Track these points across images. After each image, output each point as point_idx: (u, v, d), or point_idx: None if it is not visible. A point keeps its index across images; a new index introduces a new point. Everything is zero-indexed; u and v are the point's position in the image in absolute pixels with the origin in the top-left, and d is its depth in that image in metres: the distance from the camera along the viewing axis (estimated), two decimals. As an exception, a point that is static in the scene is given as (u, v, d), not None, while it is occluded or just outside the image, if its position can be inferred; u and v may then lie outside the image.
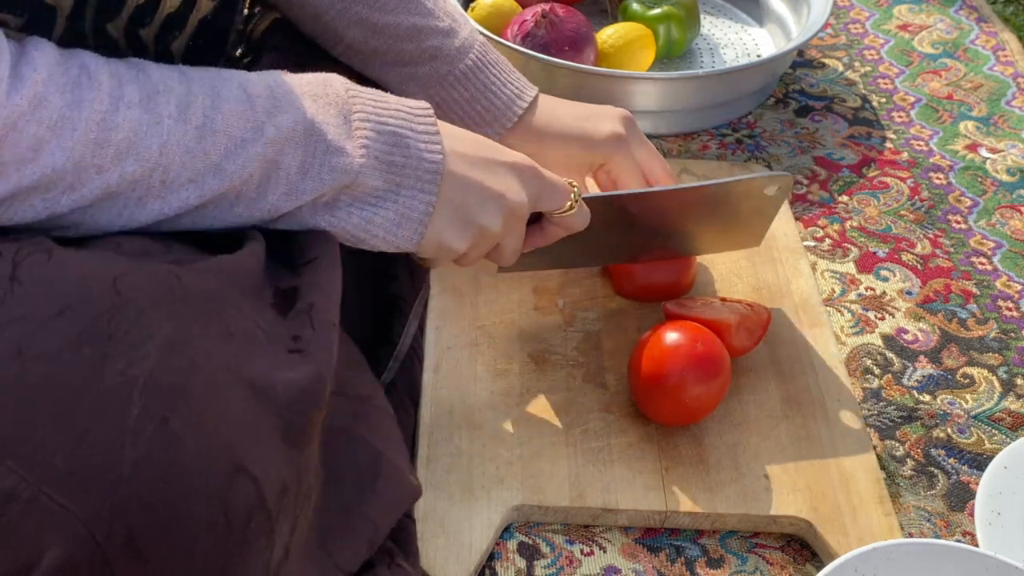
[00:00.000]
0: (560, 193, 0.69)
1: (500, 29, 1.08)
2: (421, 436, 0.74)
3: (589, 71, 1.03)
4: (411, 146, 0.62)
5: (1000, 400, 0.83)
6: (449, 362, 0.80)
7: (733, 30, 1.24)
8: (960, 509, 0.75)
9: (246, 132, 0.56)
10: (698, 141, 1.08)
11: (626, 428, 0.76)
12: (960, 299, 0.91)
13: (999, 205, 1.02)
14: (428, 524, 0.69)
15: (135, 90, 0.54)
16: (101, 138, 0.52)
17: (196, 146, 0.55)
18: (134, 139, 0.53)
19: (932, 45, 1.26)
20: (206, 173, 0.56)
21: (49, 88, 0.51)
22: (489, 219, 0.65)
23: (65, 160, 0.51)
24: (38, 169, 0.51)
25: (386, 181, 0.61)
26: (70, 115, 0.51)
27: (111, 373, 0.46)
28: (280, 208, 0.59)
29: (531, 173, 0.68)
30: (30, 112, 0.50)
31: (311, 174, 0.59)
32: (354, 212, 0.61)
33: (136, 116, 0.53)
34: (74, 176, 0.52)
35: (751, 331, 0.79)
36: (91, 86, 0.52)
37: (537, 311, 0.85)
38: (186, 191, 0.56)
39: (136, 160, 0.53)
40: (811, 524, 0.71)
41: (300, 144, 0.58)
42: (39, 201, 0.52)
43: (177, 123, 0.54)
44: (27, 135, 0.50)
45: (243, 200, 0.58)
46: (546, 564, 0.70)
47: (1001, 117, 1.14)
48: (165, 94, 0.55)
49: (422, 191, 0.62)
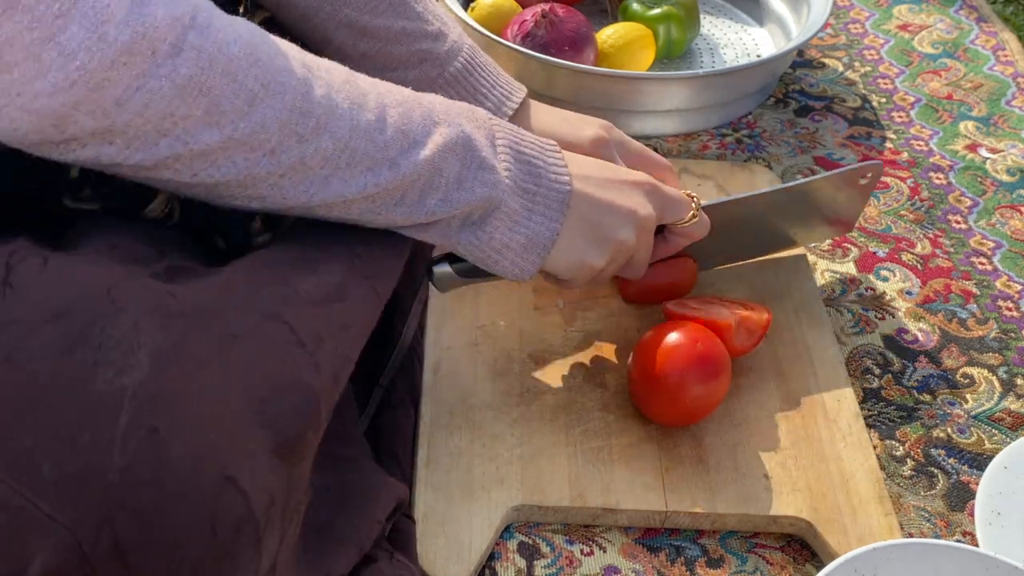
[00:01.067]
0: (682, 205, 0.75)
1: (500, 29, 1.08)
2: (421, 436, 0.74)
3: (589, 71, 1.03)
4: (543, 175, 0.67)
5: (1000, 400, 0.83)
6: (449, 362, 0.80)
7: (733, 30, 1.24)
8: (960, 509, 0.75)
9: (419, 135, 0.61)
10: (698, 141, 1.08)
11: (626, 428, 0.76)
12: (960, 299, 0.91)
13: (999, 205, 1.02)
14: (428, 524, 0.69)
15: (332, 75, 0.58)
16: (306, 108, 0.56)
17: (379, 137, 0.59)
18: (331, 117, 0.57)
19: (932, 45, 1.26)
20: (383, 164, 0.60)
21: (260, 49, 0.54)
22: (624, 234, 0.70)
23: (273, 120, 0.55)
24: (250, 125, 0.54)
25: (521, 206, 0.66)
26: (281, 80, 0.55)
27: (101, 381, 0.46)
28: (436, 213, 0.63)
29: (654, 189, 0.73)
30: (247, 67, 0.53)
31: (465, 185, 0.63)
32: (496, 233, 0.66)
33: (333, 97, 0.57)
34: (277, 140, 0.55)
35: (751, 331, 0.79)
36: (295, 60, 0.56)
37: (537, 311, 0.85)
38: (364, 178, 0.59)
39: (331, 137, 0.57)
40: (811, 524, 0.71)
41: (460, 156, 0.63)
42: (242, 158, 0.55)
43: (364, 112, 0.59)
44: (245, 88, 0.53)
45: (407, 200, 0.62)
46: (546, 564, 0.70)
47: (1001, 117, 1.14)
48: (355, 84, 0.59)
49: (549, 218, 0.67)
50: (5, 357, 0.46)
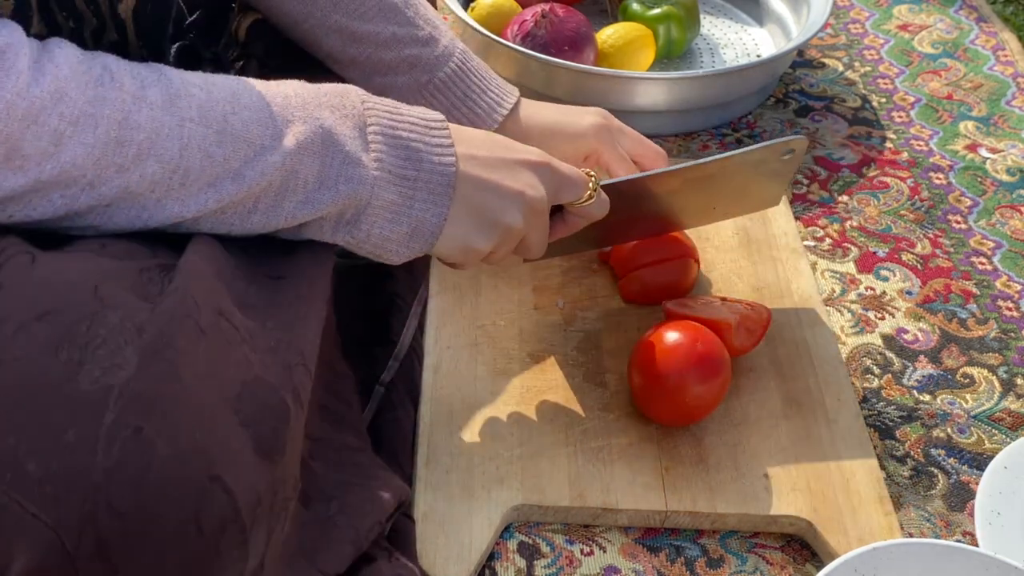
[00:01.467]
0: (578, 184, 0.70)
1: (500, 29, 1.08)
2: (421, 436, 0.74)
3: (589, 71, 1.03)
4: (424, 159, 0.63)
5: (1000, 400, 0.83)
6: (449, 362, 0.80)
7: (733, 30, 1.24)
8: (960, 509, 0.75)
9: (265, 139, 0.57)
10: (698, 141, 1.08)
11: (626, 428, 0.76)
12: (960, 299, 0.91)
13: (999, 205, 1.02)
14: (428, 524, 0.69)
15: (157, 92, 0.54)
16: (122, 137, 0.52)
17: (216, 151, 0.55)
18: (155, 140, 0.54)
19: (932, 45, 1.26)
20: (224, 178, 0.56)
21: (71, 84, 0.51)
22: (511, 217, 0.66)
23: (86, 156, 0.52)
24: (58, 164, 0.51)
25: (400, 195, 0.62)
26: (92, 112, 0.52)
27: (87, 380, 0.46)
28: (297, 216, 0.59)
29: (547, 168, 0.68)
30: (51, 106, 0.50)
31: (327, 184, 0.59)
32: (374, 229, 0.62)
33: (158, 117, 0.54)
34: (94, 173, 0.52)
35: (751, 331, 0.79)
36: (113, 86, 0.53)
37: (537, 311, 0.85)
38: (205, 195, 0.56)
39: (157, 161, 0.54)
40: (811, 524, 0.71)
41: (318, 154, 0.59)
42: (58, 197, 0.52)
43: (198, 126, 0.55)
44: (48, 129, 0.50)
45: (260, 207, 0.58)
46: (546, 564, 0.70)
47: (1001, 117, 1.14)
48: (186, 98, 0.55)
49: (434, 203, 0.63)
50: None
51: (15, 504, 0.44)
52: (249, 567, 0.49)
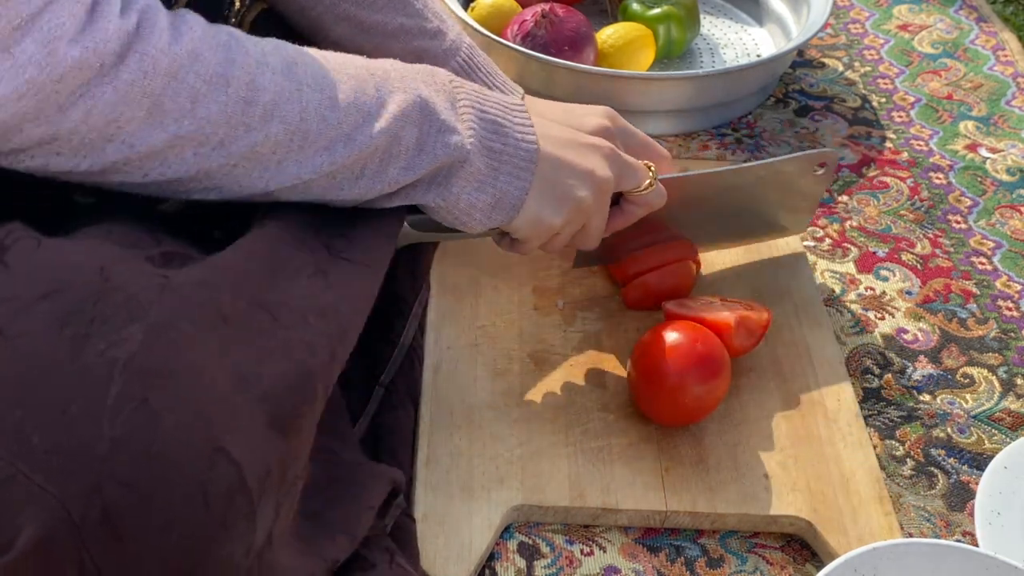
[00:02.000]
0: (639, 172, 0.74)
1: (500, 29, 1.08)
2: (421, 436, 0.74)
3: (589, 71, 1.03)
4: (509, 134, 0.66)
5: (1000, 400, 0.83)
6: (449, 362, 0.80)
7: (733, 30, 1.24)
8: (960, 509, 0.75)
9: (372, 107, 0.61)
10: (698, 141, 1.08)
11: (626, 428, 0.76)
12: (960, 299, 0.91)
13: (999, 205, 1.02)
14: (428, 524, 0.69)
15: (278, 59, 0.58)
16: (251, 97, 0.56)
17: (331, 115, 0.59)
18: (278, 102, 0.57)
19: (932, 45, 1.26)
20: (338, 141, 0.59)
21: (204, 45, 0.54)
22: (583, 193, 0.70)
23: (219, 114, 0.55)
24: (195, 121, 0.54)
25: (487, 166, 0.66)
26: (223, 73, 0.55)
27: (92, 353, 0.46)
28: (400, 180, 0.63)
29: (613, 153, 0.72)
30: (189, 64, 0.53)
31: (427, 150, 0.63)
32: (463, 193, 0.65)
33: (279, 82, 0.57)
34: (225, 132, 0.55)
35: (751, 331, 0.79)
36: (240, 50, 0.56)
37: (537, 311, 0.85)
38: (320, 157, 0.59)
39: (280, 122, 0.57)
40: (811, 524, 0.71)
41: (417, 122, 0.62)
42: (191, 155, 0.55)
43: (314, 92, 0.58)
44: (187, 86, 0.53)
45: (368, 171, 0.61)
46: (546, 564, 0.70)
47: (1001, 117, 1.14)
48: (302, 65, 0.59)
49: (518, 178, 0.67)
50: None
51: (21, 476, 0.44)
52: (257, 539, 0.49)
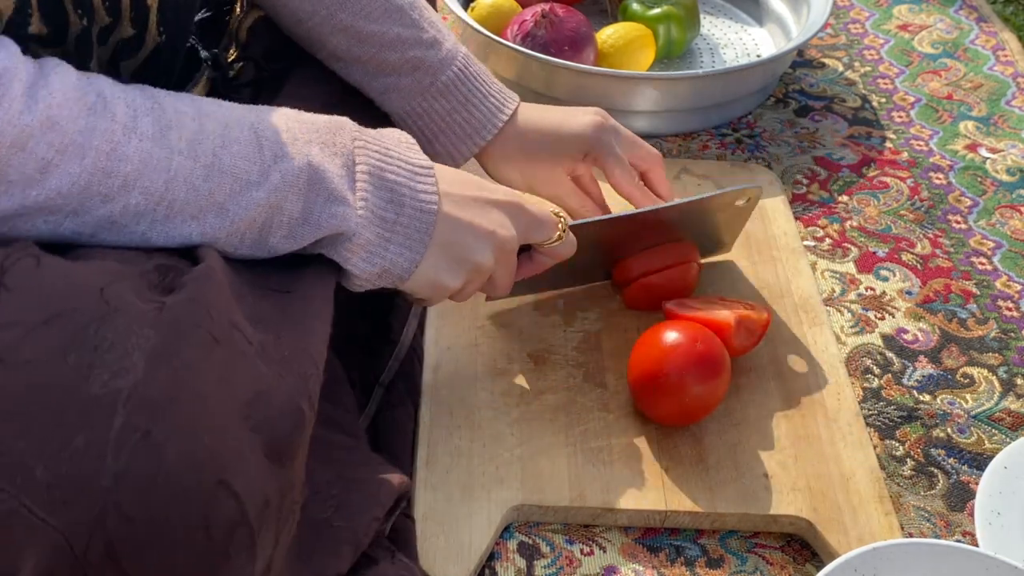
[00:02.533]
0: (547, 226, 0.71)
1: (500, 29, 1.08)
2: (421, 436, 0.74)
3: (589, 71, 1.03)
4: (405, 204, 0.63)
5: (1000, 400, 0.83)
6: (449, 362, 0.80)
7: (733, 30, 1.24)
8: (960, 509, 0.75)
9: (252, 175, 0.57)
10: (698, 141, 1.08)
11: (626, 428, 0.76)
12: (960, 299, 0.91)
13: (999, 205, 1.02)
14: (428, 524, 0.69)
15: (149, 123, 0.54)
16: (110, 168, 0.53)
17: (202, 184, 0.56)
18: (143, 171, 0.54)
19: (932, 45, 1.26)
20: (208, 211, 0.56)
21: (63, 112, 0.51)
22: (481, 256, 0.67)
23: (71, 185, 0.52)
24: (43, 191, 0.51)
25: (378, 236, 0.62)
26: (81, 141, 0.52)
27: (96, 384, 0.46)
28: (280, 249, 0.60)
29: (518, 209, 0.70)
30: (40, 134, 0.50)
31: (311, 220, 0.60)
32: (349, 262, 0.62)
33: (147, 149, 0.54)
34: (79, 202, 0.52)
35: (751, 331, 0.79)
36: (105, 114, 0.53)
37: (537, 311, 0.85)
38: (188, 227, 0.56)
39: (142, 193, 0.54)
40: (811, 524, 0.71)
41: (303, 191, 0.59)
42: (42, 222, 0.53)
43: (186, 159, 0.55)
44: (35, 156, 0.50)
45: (246, 241, 0.58)
46: (546, 564, 0.70)
47: (1001, 117, 1.14)
48: (177, 129, 0.55)
49: (409, 248, 0.64)
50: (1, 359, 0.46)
51: (24, 509, 0.44)
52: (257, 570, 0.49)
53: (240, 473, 0.48)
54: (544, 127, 0.80)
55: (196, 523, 0.46)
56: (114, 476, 0.44)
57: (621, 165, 0.80)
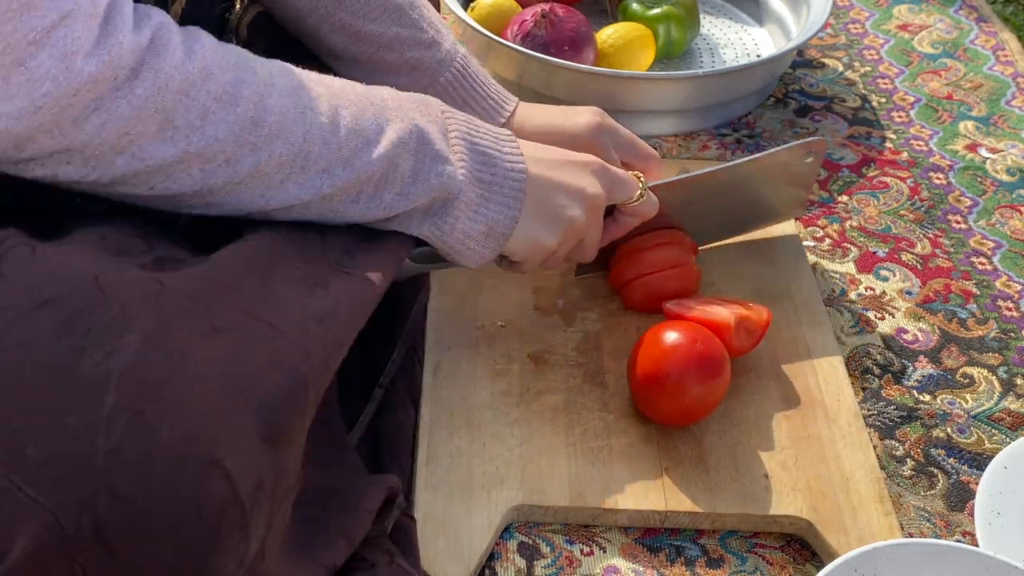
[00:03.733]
0: (629, 184, 0.75)
1: (500, 29, 1.08)
2: (421, 436, 0.74)
3: (589, 71, 1.03)
4: (498, 164, 0.68)
5: (1000, 400, 0.83)
6: (449, 362, 0.80)
7: (733, 30, 1.24)
8: (960, 509, 0.75)
9: (372, 133, 0.62)
10: (698, 141, 1.08)
11: (626, 428, 0.76)
12: (960, 299, 0.91)
13: (999, 205, 1.02)
14: (428, 524, 0.69)
15: (284, 81, 0.59)
16: (258, 117, 0.57)
17: (332, 139, 0.60)
18: (284, 123, 0.58)
19: (932, 45, 1.26)
20: (337, 165, 0.61)
21: (216, 64, 0.56)
22: (574, 212, 0.71)
23: (227, 132, 0.56)
24: (204, 138, 0.55)
25: (478, 196, 0.67)
26: (233, 92, 0.56)
27: (88, 364, 0.46)
28: (394, 207, 0.64)
29: (603, 168, 0.74)
30: (201, 82, 0.54)
31: (421, 178, 0.64)
32: (458, 223, 0.66)
33: (286, 104, 0.58)
34: (232, 150, 0.56)
35: (751, 331, 0.79)
36: (248, 70, 0.57)
37: (537, 311, 0.85)
38: (320, 180, 0.60)
39: (284, 143, 0.58)
40: (811, 524, 0.71)
41: (413, 151, 0.63)
42: (197, 171, 0.56)
43: (317, 115, 0.60)
44: (198, 103, 0.54)
45: (363, 196, 0.62)
46: (546, 564, 0.70)
47: (1001, 117, 1.14)
48: (307, 89, 0.60)
49: (508, 206, 0.68)
50: None
51: (14, 487, 0.44)
52: (250, 552, 0.49)
53: (233, 453, 0.48)
54: (543, 126, 0.80)
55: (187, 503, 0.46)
56: (105, 455, 0.45)
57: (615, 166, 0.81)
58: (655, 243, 0.83)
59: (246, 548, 0.48)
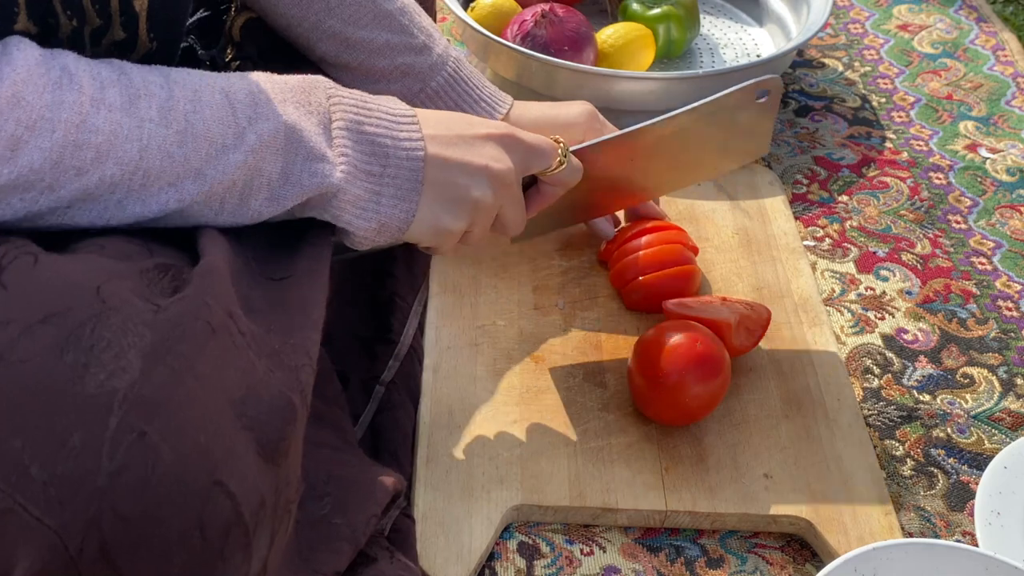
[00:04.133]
0: (545, 152, 0.71)
1: (500, 29, 1.08)
2: (421, 436, 0.74)
3: (589, 71, 1.02)
4: (391, 154, 0.63)
5: (1000, 400, 0.83)
6: (449, 362, 0.80)
7: (733, 30, 1.24)
8: (960, 509, 0.75)
9: (227, 138, 0.57)
10: (698, 141, 1.08)
11: (626, 428, 0.76)
12: (960, 299, 0.91)
13: (999, 205, 1.02)
14: (428, 524, 0.69)
15: (116, 93, 0.54)
16: (81, 140, 0.52)
17: (176, 151, 0.55)
18: (114, 142, 0.53)
19: (932, 45, 1.26)
20: (185, 177, 0.56)
21: (28, 88, 0.51)
22: (479, 192, 0.66)
23: (43, 160, 0.51)
24: (16, 168, 0.51)
25: (367, 191, 0.62)
26: (49, 116, 0.51)
27: (92, 383, 0.46)
28: (264, 214, 0.59)
29: (512, 140, 0.69)
30: (8, 110, 0.50)
31: (292, 180, 0.59)
32: (342, 218, 0.62)
33: (117, 119, 0.53)
34: (52, 177, 0.52)
35: (751, 331, 0.79)
36: (72, 88, 0.52)
37: (537, 311, 0.85)
38: (165, 195, 0.56)
39: (116, 163, 0.53)
40: (811, 524, 0.71)
41: (280, 151, 0.58)
42: (17, 200, 0.52)
43: (158, 127, 0.55)
44: (4, 134, 0.50)
45: (227, 206, 0.58)
46: (546, 564, 0.70)
47: (1001, 117, 1.14)
48: (147, 98, 0.55)
49: (402, 199, 0.63)
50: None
51: (19, 507, 0.44)
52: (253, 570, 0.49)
53: (235, 473, 0.48)
54: (539, 117, 0.80)
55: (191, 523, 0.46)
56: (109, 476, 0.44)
57: None
58: (655, 244, 0.83)
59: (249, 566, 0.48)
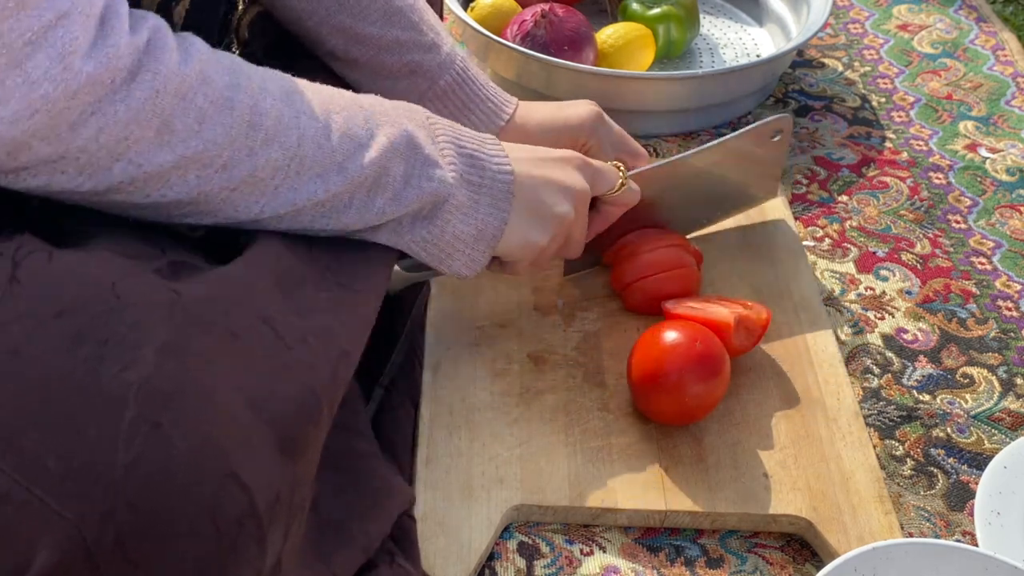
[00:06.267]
0: (610, 175, 0.76)
1: (500, 29, 1.08)
2: (421, 436, 0.74)
3: (589, 71, 1.03)
4: (486, 167, 0.68)
5: (1000, 400, 0.83)
6: (449, 362, 0.80)
7: (733, 30, 1.24)
8: (960, 509, 0.75)
9: (363, 138, 0.62)
10: (698, 141, 1.08)
11: (626, 428, 0.76)
12: (960, 299, 0.92)
13: (999, 205, 1.02)
14: (428, 524, 0.69)
15: (277, 86, 0.59)
16: (254, 121, 0.56)
17: (326, 143, 0.60)
18: (279, 127, 0.58)
19: (932, 45, 1.26)
20: (331, 170, 0.60)
21: (211, 68, 0.55)
22: (563, 208, 0.72)
23: (224, 136, 0.55)
24: (201, 142, 0.54)
25: (468, 198, 0.67)
26: (229, 96, 0.56)
27: (107, 376, 0.46)
28: (386, 212, 0.63)
29: (583, 162, 0.74)
30: (198, 86, 0.54)
31: (413, 183, 0.64)
32: (448, 226, 0.66)
33: (280, 108, 0.58)
34: (229, 154, 0.56)
35: (751, 331, 0.79)
36: (243, 75, 0.57)
37: (537, 311, 0.85)
38: (314, 184, 0.60)
39: (280, 147, 0.58)
40: (811, 523, 0.71)
41: (403, 155, 0.63)
42: (194, 176, 0.55)
43: (311, 120, 0.59)
44: (195, 107, 0.54)
45: (355, 202, 0.62)
46: (546, 564, 0.70)
47: (1001, 117, 1.14)
48: (299, 94, 0.60)
49: (497, 208, 0.68)
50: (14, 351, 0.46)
51: (36, 499, 0.44)
52: (267, 564, 0.49)
53: (250, 466, 0.48)
54: (544, 121, 0.81)
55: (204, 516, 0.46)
56: (125, 468, 0.45)
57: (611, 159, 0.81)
58: (656, 246, 0.84)
59: (263, 560, 0.48)
